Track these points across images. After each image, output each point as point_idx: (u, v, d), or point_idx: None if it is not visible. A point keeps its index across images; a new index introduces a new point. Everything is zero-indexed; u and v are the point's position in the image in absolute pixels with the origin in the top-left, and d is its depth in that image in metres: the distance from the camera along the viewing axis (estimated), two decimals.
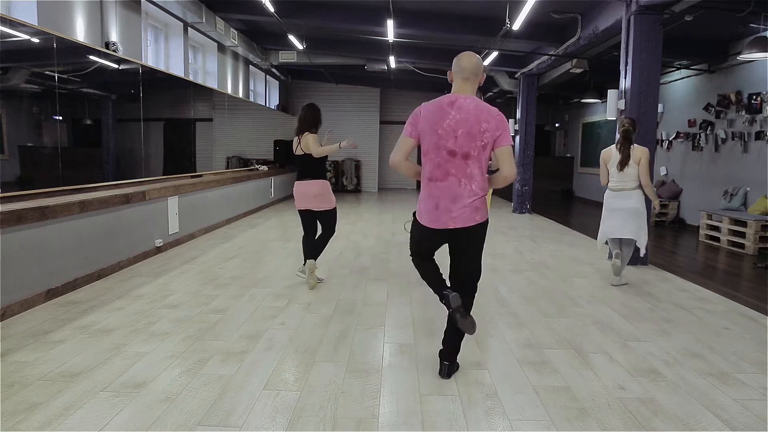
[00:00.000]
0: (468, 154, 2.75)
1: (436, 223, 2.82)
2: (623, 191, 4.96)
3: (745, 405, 2.74)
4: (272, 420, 2.51)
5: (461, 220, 2.78)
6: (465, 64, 2.87)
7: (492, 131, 2.74)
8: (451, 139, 2.75)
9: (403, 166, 2.91)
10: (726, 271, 6.15)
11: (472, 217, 2.79)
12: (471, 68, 2.86)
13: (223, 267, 5.62)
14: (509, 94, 12.85)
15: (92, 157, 5.91)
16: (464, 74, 2.86)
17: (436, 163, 2.80)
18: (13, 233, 3.91)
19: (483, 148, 2.76)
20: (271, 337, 3.59)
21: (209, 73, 10.33)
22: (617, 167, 4.93)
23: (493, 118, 2.75)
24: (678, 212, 9.86)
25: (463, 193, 2.78)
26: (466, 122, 2.74)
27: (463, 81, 2.87)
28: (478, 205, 2.80)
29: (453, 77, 2.91)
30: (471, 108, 2.76)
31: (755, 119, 7.89)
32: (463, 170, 2.77)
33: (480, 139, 2.74)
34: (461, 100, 2.79)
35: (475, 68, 2.87)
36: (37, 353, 3.22)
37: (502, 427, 2.49)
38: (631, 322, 4.02)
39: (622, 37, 6.12)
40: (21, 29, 4.47)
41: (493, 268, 5.80)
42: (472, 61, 2.88)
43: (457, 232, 2.83)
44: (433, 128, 2.77)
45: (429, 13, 8.51)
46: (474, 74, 2.87)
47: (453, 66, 2.91)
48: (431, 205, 2.83)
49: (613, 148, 5.00)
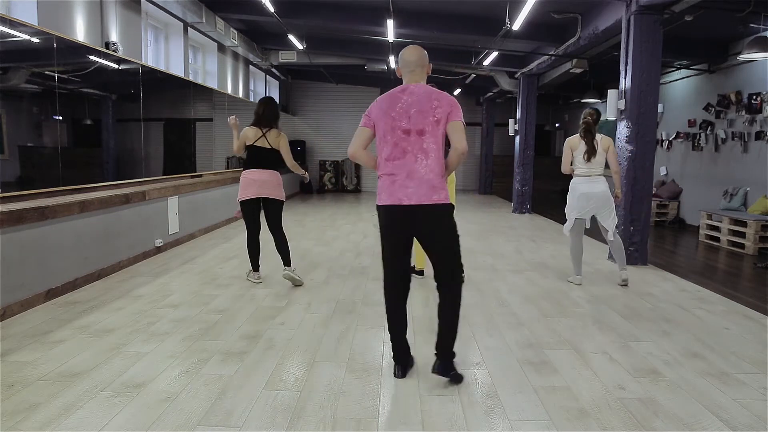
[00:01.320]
0: (422, 130, 2.83)
1: (392, 198, 2.84)
2: (591, 176, 4.99)
3: (745, 405, 2.74)
4: (272, 420, 2.51)
5: (416, 196, 2.80)
6: (408, 58, 2.95)
7: (444, 107, 2.84)
8: (405, 119, 2.83)
9: (361, 155, 2.95)
10: (726, 271, 6.15)
11: (429, 195, 2.81)
12: (415, 60, 2.94)
13: (223, 267, 5.62)
14: (509, 94, 12.85)
15: (92, 157, 5.91)
16: (410, 67, 2.94)
17: (392, 143, 2.86)
18: (13, 233, 3.91)
19: (436, 123, 2.82)
20: (271, 337, 3.60)
21: (209, 73, 10.33)
22: (584, 157, 4.95)
23: (443, 98, 2.87)
24: (678, 212, 9.86)
25: (419, 168, 2.82)
26: (417, 102, 2.84)
27: (410, 74, 2.95)
28: (435, 183, 2.82)
29: (401, 72, 2.99)
30: (421, 91, 2.88)
31: (755, 119, 7.89)
32: (418, 146, 2.83)
33: (432, 115, 2.82)
34: (412, 86, 2.92)
35: (420, 60, 2.95)
36: (37, 353, 3.22)
37: (502, 427, 2.49)
38: (631, 322, 4.02)
39: (622, 37, 6.12)
40: (21, 29, 4.47)
41: (493, 268, 5.80)
42: (415, 53, 2.96)
43: (417, 213, 2.82)
44: (386, 113, 2.86)
45: (429, 13, 8.51)
46: (419, 66, 2.95)
47: (399, 62, 2.98)
48: (388, 182, 2.87)
49: (578, 138, 5.00)
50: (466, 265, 5.93)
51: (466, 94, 15.95)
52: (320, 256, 6.29)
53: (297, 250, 6.59)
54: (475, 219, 10.11)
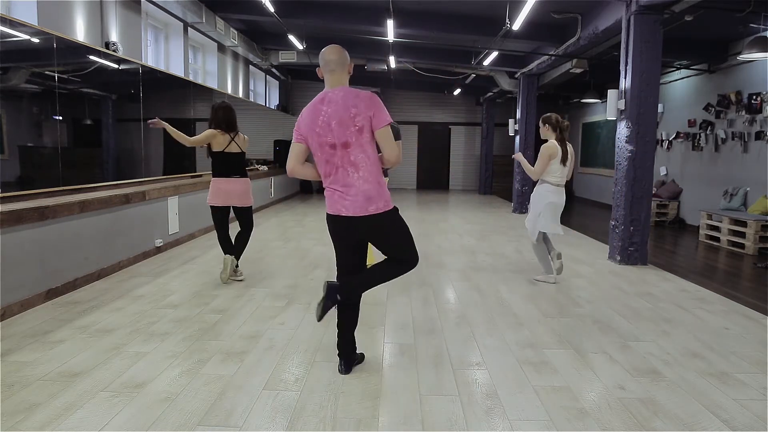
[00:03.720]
0: (347, 143, 2.78)
1: (332, 208, 2.87)
2: (560, 187, 5.02)
3: (745, 405, 2.74)
4: (272, 420, 2.51)
5: (353, 208, 2.80)
6: (329, 57, 2.89)
7: (363, 113, 2.76)
8: (329, 134, 2.79)
9: (298, 170, 2.93)
10: (726, 271, 6.15)
11: (365, 206, 2.80)
12: (335, 59, 2.89)
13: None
14: (509, 94, 12.85)
15: (92, 157, 5.91)
16: (330, 66, 2.89)
17: (324, 160, 2.85)
18: (13, 233, 3.91)
19: (359, 132, 2.77)
20: (271, 337, 3.60)
21: (209, 73, 10.33)
22: (561, 163, 4.95)
23: (360, 101, 2.77)
24: (678, 212, 9.86)
25: (353, 181, 2.81)
26: (336, 113, 2.78)
27: (330, 74, 2.90)
28: (371, 194, 2.80)
29: (321, 72, 2.93)
30: (339, 98, 2.80)
31: (755, 119, 7.89)
32: (347, 159, 2.80)
33: (353, 125, 2.76)
34: (330, 94, 2.84)
35: (340, 59, 2.89)
36: (37, 353, 3.22)
37: (502, 427, 2.49)
38: (631, 322, 4.02)
39: (622, 37, 6.12)
40: (21, 29, 4.47)
41: (493, 268, 5.80)
42: (335, 52, 2.90)
43: (356, 223, 2.84)
44: (311, 129, 2.82)
45: (429, 13, 8.51)
46: (340, 65, 2.89)
47: (319, 61, 2.93)
48: (329, 193, 2.89)
49: (555, 144, 4.97)
50: (467, 265, 5.95)
51: (466, 94, 15.98)
52: (320, 256, 6.29)
53: (297, 250, 6.60)
54: (475, 219, 10.12)
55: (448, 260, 6.22)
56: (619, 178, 6.17)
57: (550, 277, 5.17)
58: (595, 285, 5.14)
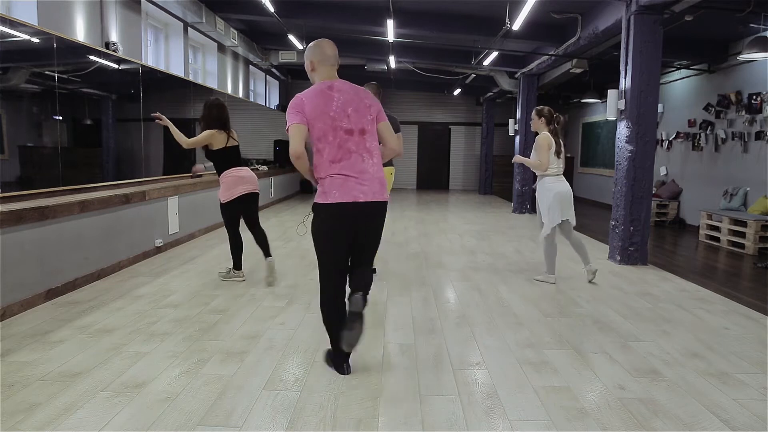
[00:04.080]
0: (364, 129, 2.85)
1: (347, 195, 2.77)
2: (560, 176, 5.08)
3: (745, 405, 2.74)
4: (272, 420, 2.51)
5: (371, 193, 2.82)
6: (330, 52, 2.93)
7: (375, 106, 2.92)
8: (345, 119, 2.81)
9: (305, 156, 2.80)
10: (726, 271, 6.15)
11: (381, 192, 2.87)
12: (334, 54, 2.96)
13: (223, 267, 5.62)
14: (509, 94, 12.85)
15: (92, 157, 5.91)
16: (330, 61, 2.93)
17: (336, 145, 2.80)
18: (13, 233, 3.91)
19: (373, 122, 2.90)
20: (271, 337, 3.59)
21: (209, 73, 10.33)
22: (555, 155, 5.02)
23: (369, 95, 2.93)
24: (678, 212, 9.86)
25: (368, 167, 2.84)
26: (351, 101, 2.84)
27: (330, 68, 2.93)
28: (383, 181, 2.90)
29: (316, 66, 2.93)
30: (349, 89, 2.89)
31: (755, 119, 7.89)
32: (363, 145, 2.84)
33: (369, 113, 2.89)
34: (337, 83, 2.89)
35: (336, 54, 2.98)
36: (37, 353, 3.22)
37: (502, 427, 2.49)
38: (631, 322, 4.02)
39: (622, 37, 6.12)
40: (21, 29, 4.47)
41: (493, 268, 5.80)
42: (334, 47, 2.97)
43: (367, 210, 2.83)
44: (323, 112, 2.79)
45: (429, 13, 8.51)
46: (336, 60, 2.98)
47: (314, 55, 2.93)
48: (339, 180, 2.79)
49: (550, 136, 5.06)
50: (467, 265, 5.95)
51: (466, 94, 15.97)
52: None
53: (297, 250, 6.60)
54: (475, 219, 10.12)
55: (448, 260, 6.22)
56: (619, 178, 6.17)
57: (551, 277, 5.17)
58: (595, 285, 5.14)
